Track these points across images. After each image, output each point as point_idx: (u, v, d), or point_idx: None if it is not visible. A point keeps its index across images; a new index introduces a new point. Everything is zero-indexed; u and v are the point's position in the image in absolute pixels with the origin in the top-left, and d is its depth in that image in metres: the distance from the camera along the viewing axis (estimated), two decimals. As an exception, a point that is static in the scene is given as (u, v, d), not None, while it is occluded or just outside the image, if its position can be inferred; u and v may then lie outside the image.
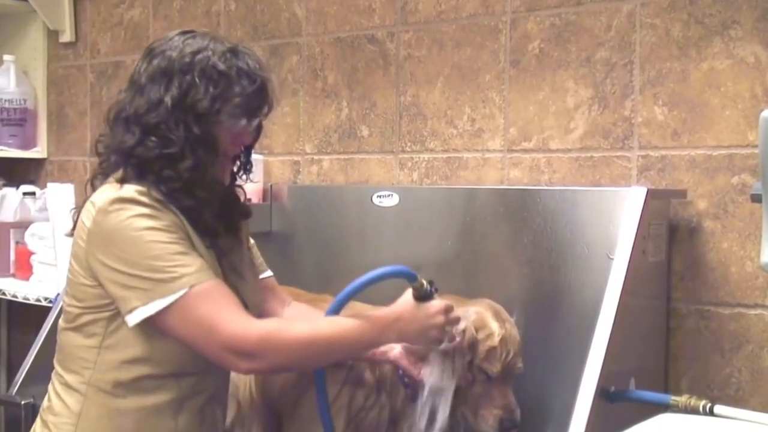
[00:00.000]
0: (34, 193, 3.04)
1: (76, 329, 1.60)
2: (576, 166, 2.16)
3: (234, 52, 1.61)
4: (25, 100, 3.32)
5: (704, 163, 1.99)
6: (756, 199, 1.62)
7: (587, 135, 2.14)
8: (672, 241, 2.01)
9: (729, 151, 1.96)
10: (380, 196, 2.20)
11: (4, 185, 3.13)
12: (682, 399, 1.60)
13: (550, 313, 1.88)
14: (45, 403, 1.66)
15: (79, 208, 1.63)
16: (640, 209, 1.80)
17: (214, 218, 1.61)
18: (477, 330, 1.73)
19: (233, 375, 1.77)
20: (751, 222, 1.92)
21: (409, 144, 2.44)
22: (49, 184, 2.88)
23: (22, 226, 2.94)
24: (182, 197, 1.56)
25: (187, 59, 1.57)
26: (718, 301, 1.97)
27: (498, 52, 2.28)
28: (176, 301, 1.49)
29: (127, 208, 1.52)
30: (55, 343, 1.68)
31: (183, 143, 1.56)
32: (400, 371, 1.75)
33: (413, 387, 1.73)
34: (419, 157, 2.42)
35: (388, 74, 2.47)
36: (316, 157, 2.62)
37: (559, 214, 1.93)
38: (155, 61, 1.59)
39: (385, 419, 1.80)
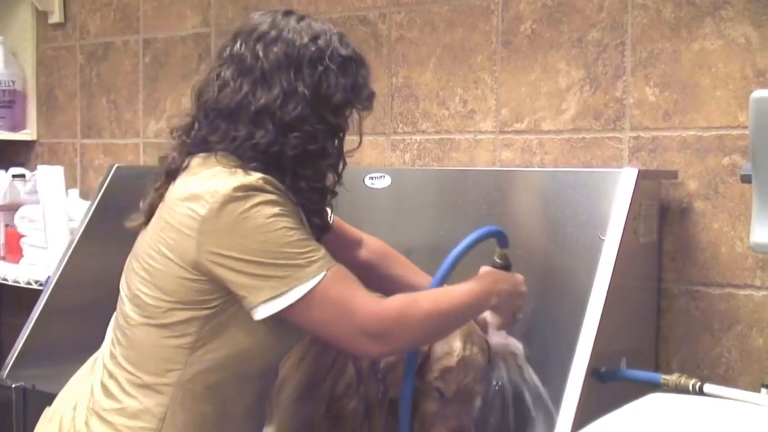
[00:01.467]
0: (23, 176, 3.03)
1: (163, 327, 1.45)
2: (568, 147, 2.16)
3: (342, 35, 1.52)
4: (13, 82, 3.30)
5: (695, 144, 1.99)
6: (746, 179, 1.63)
7: (579, 116, 2.14)
8: (663, 222, 2.01)
9: (720, 132, 1.96)
10: (372, 178, 2.19)
11: (-6, 167, 3.11)
12: (673, 378, 1.61)
13: (541, 294, 1.88)
14: (107, 402, 1.48)
15: (151, 199, 1.51)
16: (632, 190, 1.80)
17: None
18: (437, 346, 1.64)
19: None
20: (741, 203, 1.93)
21: (401, 125, 2.44)
22: (39, 167, 2.86)
23: (12, 208, 2.93)
24: (312, 199, 1.49)
25: (312, 46, 1.46)
26: (708, 282, 1.99)
27: (490, 33, 2.27)
28: (315, 286, 1.39)
29: (254, 195, 1.39)
30: (45, 326, 1.60)
31: (325, 138, 1.46)
32: (376, 366, 1.69)
33: (385, 382, 1.70)
34: (411, 139, 2.42)
35: (380, 55, 2.46)
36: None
37: (550, 195, 1.93)
38: (275, 48, 1.45)
39: (361, 412, 1.79)
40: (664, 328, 2.03)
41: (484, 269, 1.65)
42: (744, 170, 1.65)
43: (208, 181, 1.42)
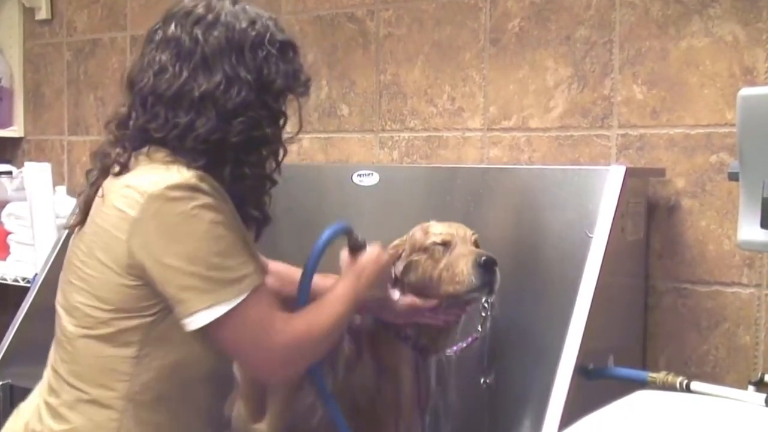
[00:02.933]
0: (10, 173, 3.01)
1: (104, 338, 1.38)
2: (555, 144, 2.16)
3: (276, 20, 1.48)
4: (0, 78, 3.28)
5: (682, 142, 2.00)
6: (733, 177, 1.63)
7: (567, 114, 2.14)
8: (650, 220, 2.02)
9: (707, 129, 1.97)
10: (360, 175, 2.19)
11: (-19, 165, 3.09)
12: (660, 376, 1.61)
13: (529, 291, 1.89)
14: (56, 425, 1.41)
15: (86, 196, 1.45)
16: (619, 188, 1.80)
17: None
18: (415, 235, 1.76)
19: None
20: (728, 200, 1.94)
21: (389, 123, 2.43)
22: (26, 164, 2.85)
23: (-1, 205, 2.92)
24: (253, 187, 1.44)
25: (252, 31, 1.41)
26: (695, 279, 1.99)
27: (478, 30, 2.27)
28: (240, 304, 1.34)
29: (191, 198, 1.32)
30: (32, 324, 1.56)
31: (267, 124, 1.43)
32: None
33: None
34: (399, 136, 2.42)
35: (368, 53, 2.46)
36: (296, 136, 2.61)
37: (538, 192, 1.93)
38: (215, 32, 1.40)
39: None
40: (652, 326, 2.03)
41: (344, 260, 1.63)
42: (731, 168, 1.65)
43: (140, 179, 1.36)
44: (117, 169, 1.40)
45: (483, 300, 1.87)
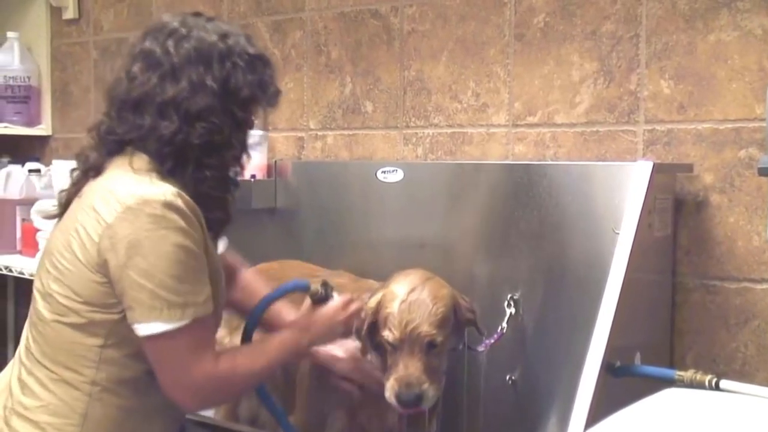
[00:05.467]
0: (39, 170, 3.04)
1: (73, 326, 1.48)
2: (581, 140, 2.14)
3: (249, 36, 1.57)
4: (29, 77, 3.31)
5: (711, 137, 1.97)
6: (763, 172, 1.61)
7: (593, 109, 2.13)
8: (678, 216, 2.00)
9: (736, 124, 1.94)
10: (384, 172, 2.19)
11: (9, 162, 3.13)
12: (688, 374, 1.59)
13: (555, 288, 1.88)
14: (27, 400, 1.50)
15: (69, 193, 1.54)
16: (646, 184, 1.79)
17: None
18: (383, 304, 1.69)
19: None
20: (758, 196, 1.91)
21: (413, 119, 2.43)
22: (54, 161, 2.88)
23: (28, 203, 2.94)
24: (216, 188, 1.51)
25: (221, 43, 1.50)
26: (724, 276, 1.97)
27: (503, 25, 2.26)
28: (173, 329, 1.42)
29: (164, 216, 1.41)
30: None
31: (230, 130, 1.50)
32: None
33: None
34: (423, 133, 2.41)
35: (392, 49, 2.45)
36: (320, 133, 2.61)
37: (564, 189, 1.91)
38: (187, 44, 1.49)
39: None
40: (679, 323, 2.02)
41: (304, 308, 1.70)
42: (761, 163, 1.63)
43: (122, 187, 1.44)
44: (92, 173, 1.51)
45: (508, 297, 1.87)
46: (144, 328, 1.43)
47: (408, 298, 1.68)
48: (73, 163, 2.78)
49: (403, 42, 2.44)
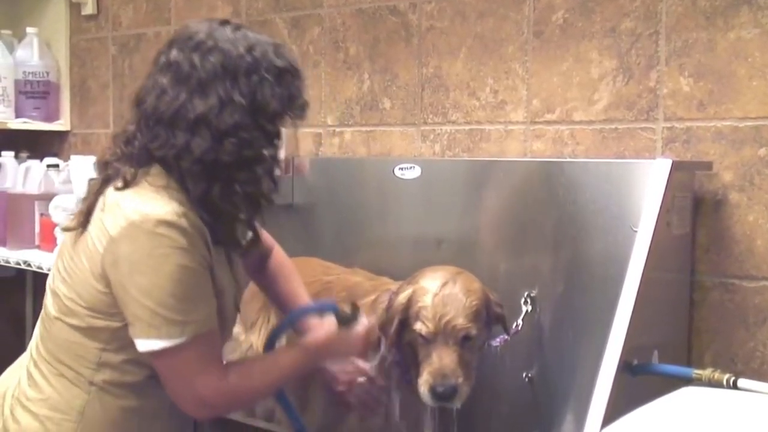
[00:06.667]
0: (57, 166, 3.05)
1: (76, 327, 1.51)
2: (600, 138, 2.14)
3: (277, 46, 1.55)
4: (48, 73, 3.33)
5: (730, 135, 1.96)
6: (783, 171, 1.60)
7: (611, 106, 2.12)
8: (697, 214, 1.99)
9: (756, 122, 1.93)
10: (402, 169, 2.19)
11: (28, 157, 3.15)
12: (706, 372, 1.59)
13: (573, 286, 1.87)
14: (31, 392, 1.54)
15: (89, 201, 1.53)
16: (665, 181, 1.78)
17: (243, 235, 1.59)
18: (415, 299, 1.70)
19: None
20: (777, 195, 1.90)
21: (431, 116, 2.43)
22: (72, 157, 2.89)
23: (46, 198, 2.96)
24: (245, 202, 1.50)
25: (248, 57, 1.48)
26: (743, 275, 1.96)
27: (521, 22, 2.25)
28: (175, 345, 1.44)
29: (168, 236, 1.41)
30: None
31: (260, 144, 1.49)
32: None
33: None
34: (441, 129, 2.41)
35: (410, 45, 2.45)
36: (337, 129, 2.62)
37: (582, 186, 1.91)
38: (212, 58, 1.48)
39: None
40: (698, 322, 2.01)
41: (327, 324, 1.68)
42: (781, 162, 1.62)
43: (130, 202, 1.45)
44: (120, 184, 1.49)
45: (525, 294, 1.86)
46: (144, 344, 1.45)
47: (441, 291, 1.68)
48: (91, 159, 2.81)
49: (421, 38, 2.44)
